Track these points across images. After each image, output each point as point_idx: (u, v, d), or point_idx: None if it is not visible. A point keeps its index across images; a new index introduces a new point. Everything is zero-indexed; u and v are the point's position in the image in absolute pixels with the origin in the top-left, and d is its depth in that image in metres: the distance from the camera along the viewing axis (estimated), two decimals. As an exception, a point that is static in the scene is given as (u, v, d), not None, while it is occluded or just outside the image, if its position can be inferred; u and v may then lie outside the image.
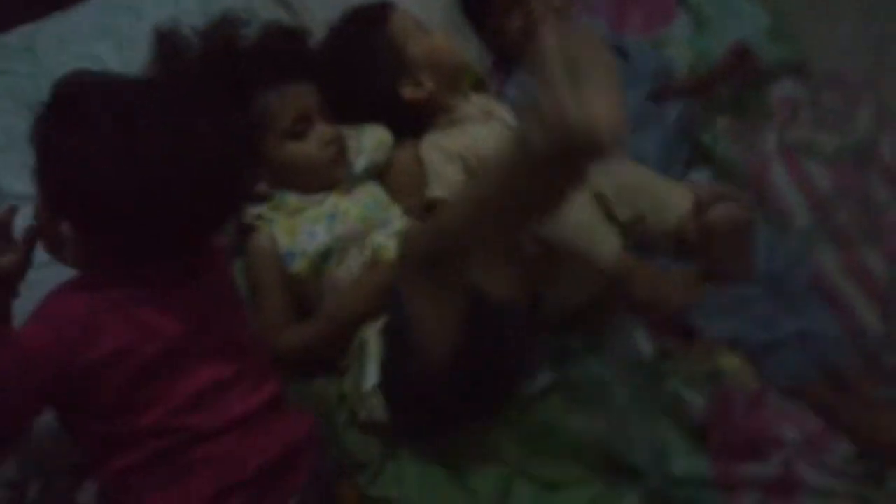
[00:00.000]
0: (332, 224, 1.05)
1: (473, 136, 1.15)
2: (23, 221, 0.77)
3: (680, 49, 1.48)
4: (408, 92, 1.17)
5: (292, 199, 1.06)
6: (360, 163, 1.11)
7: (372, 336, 0.96)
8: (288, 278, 1.04)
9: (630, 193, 1.11)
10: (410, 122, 1.18)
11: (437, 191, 1.11)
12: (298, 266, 1.03)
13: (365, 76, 1.16)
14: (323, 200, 1.07)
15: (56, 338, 0.73)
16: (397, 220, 1.10)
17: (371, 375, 0.94)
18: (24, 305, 0.76)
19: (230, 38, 1.10)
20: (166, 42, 1.08)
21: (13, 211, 0.77)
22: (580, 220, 0.99)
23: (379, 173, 1.16)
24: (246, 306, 0.97)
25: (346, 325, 1.00)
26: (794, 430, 1.03)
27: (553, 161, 0.67)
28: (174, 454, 0.76)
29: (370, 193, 1.12)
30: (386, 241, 1.05)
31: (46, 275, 0.78)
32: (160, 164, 0.73)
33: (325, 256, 1.04)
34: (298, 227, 1.05)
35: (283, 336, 1.01)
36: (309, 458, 0.85)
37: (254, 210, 1.06)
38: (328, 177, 1.08)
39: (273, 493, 0.80)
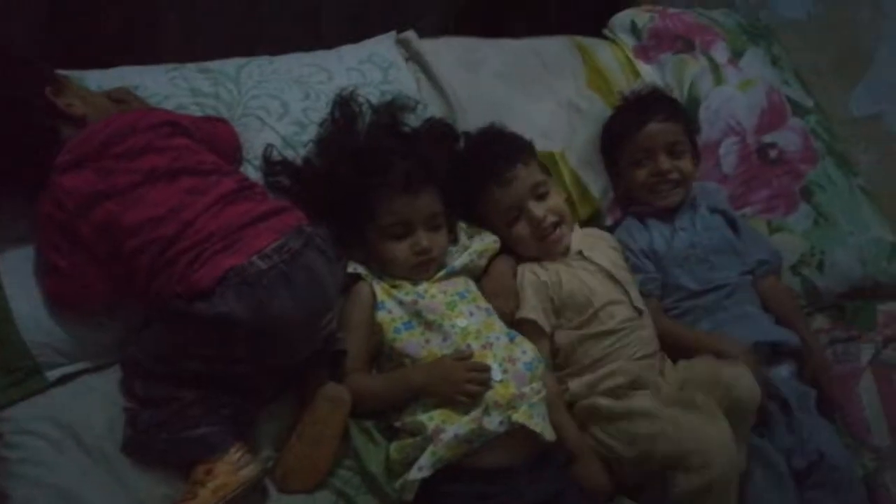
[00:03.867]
0: (419, 299, 1.16)
1: (559, 276, 1.28)
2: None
3: (794, 239, 1.53)
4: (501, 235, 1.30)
5: (388, 278, 1.19)
6: (460, 260, 1.24)
7: (445, 436, 1.04)
8: (373, 323, 1.15)
9: None
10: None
11: (524, 313, 1.25)
12: (382, 318, 1.15)
13: (475, 205, 1.29)
14: (416, 283, 1.19)
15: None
16: (482, 312, 1.19)
17: (425, 469, 1.03)
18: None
19: (394, 120, 1.28)
20: (344, 107, 1.26)
21: None
22: None
23: (476, 274, 1.27)
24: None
25: (401, 398, 1.10)
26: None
27: None
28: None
29: (462, 285, 1.22)
30: (469, 326, 1.14)
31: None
32: None
33: (408, 324, 1.15)
34: (393, 292, 1.18)
35: (352, 376, 1.13)
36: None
37: (358, 268, 1.19)
38: (412, 276, 1.20)
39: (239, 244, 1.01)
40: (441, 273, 1.21)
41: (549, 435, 1.10)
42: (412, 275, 1.19)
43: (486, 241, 1.28)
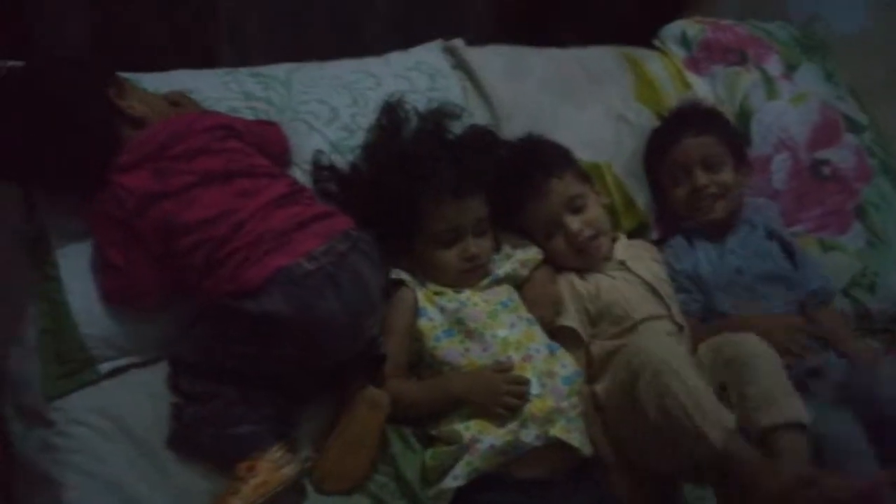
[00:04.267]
0: (462, 307, 1.17)
1: (598, 287, 1.27)
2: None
3: (847, 258, 1.50)
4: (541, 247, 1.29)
5: (432, 285, 1.20)
6: (504, 268, 1.24)
7: (481, 447, 1.04)
8: (414, 329, 1.16)
9: None
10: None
11: (564, 320, 1.24)
12: (423, 325, 1.16)
13: (515, 217, 1.29)
14: (459, 291, 1.20)
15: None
16: (523, 322, 1.18)
17: (459, 479, 1.04)
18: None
19: (440, 128, 1.29)
20: (391, 113, 1.28)
21: None
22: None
23: (519, 283, 1.27)
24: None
25: (439, 406, 1.11)
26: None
27: None
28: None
29: (505, 294, 1.22)
30: (509, 336, 1.14)
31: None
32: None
33: (448, 332, 1.15)
34: (435, 299, 1.18)
35: (391, 381, 1.13)
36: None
37: (401, 274, 1.20)
38: (460, 283, 1.20)
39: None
40: (485, 281, 1.22)
41: (586, 449, 1.09)
42: (460, 282, 1.20)
43: (530, 252, 1.28)
